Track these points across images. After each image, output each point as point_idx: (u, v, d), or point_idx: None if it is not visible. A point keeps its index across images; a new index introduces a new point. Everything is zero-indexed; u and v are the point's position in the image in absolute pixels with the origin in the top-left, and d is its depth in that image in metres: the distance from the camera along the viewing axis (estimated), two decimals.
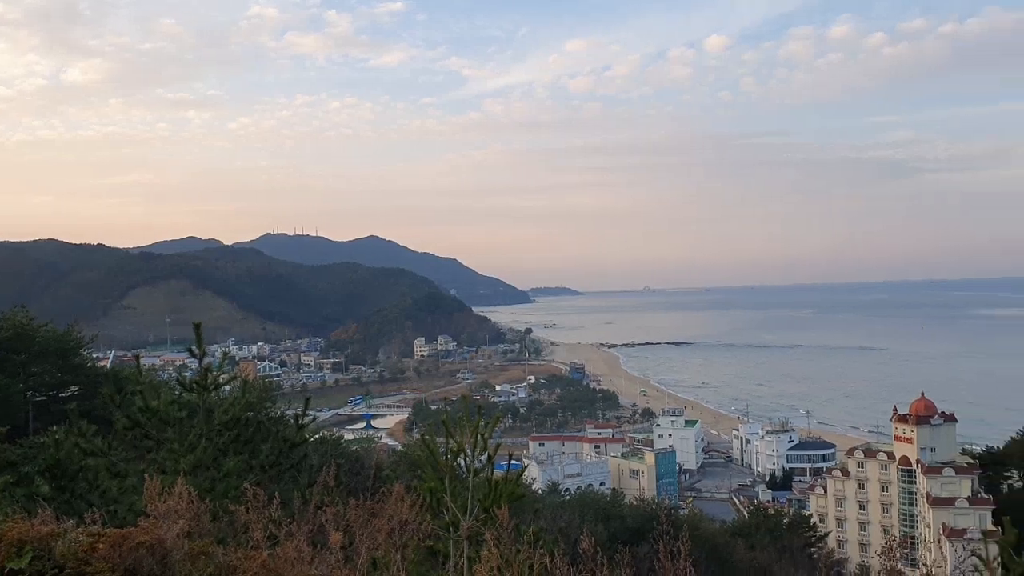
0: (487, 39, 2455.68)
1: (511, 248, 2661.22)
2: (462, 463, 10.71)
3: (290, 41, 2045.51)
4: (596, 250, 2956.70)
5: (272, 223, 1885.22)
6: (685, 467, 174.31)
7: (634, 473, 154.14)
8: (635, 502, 62.82)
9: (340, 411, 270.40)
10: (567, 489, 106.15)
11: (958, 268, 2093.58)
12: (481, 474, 10.71)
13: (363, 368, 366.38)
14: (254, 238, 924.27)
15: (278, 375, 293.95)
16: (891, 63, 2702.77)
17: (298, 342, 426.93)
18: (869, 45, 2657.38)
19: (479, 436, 10.70)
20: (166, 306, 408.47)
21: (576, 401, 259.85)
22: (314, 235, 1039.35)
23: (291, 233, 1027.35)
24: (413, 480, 11.67)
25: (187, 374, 16.91)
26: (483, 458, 10.87)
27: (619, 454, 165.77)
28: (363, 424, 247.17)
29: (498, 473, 11.13)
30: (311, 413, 17.41)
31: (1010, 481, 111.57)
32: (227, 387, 16.41)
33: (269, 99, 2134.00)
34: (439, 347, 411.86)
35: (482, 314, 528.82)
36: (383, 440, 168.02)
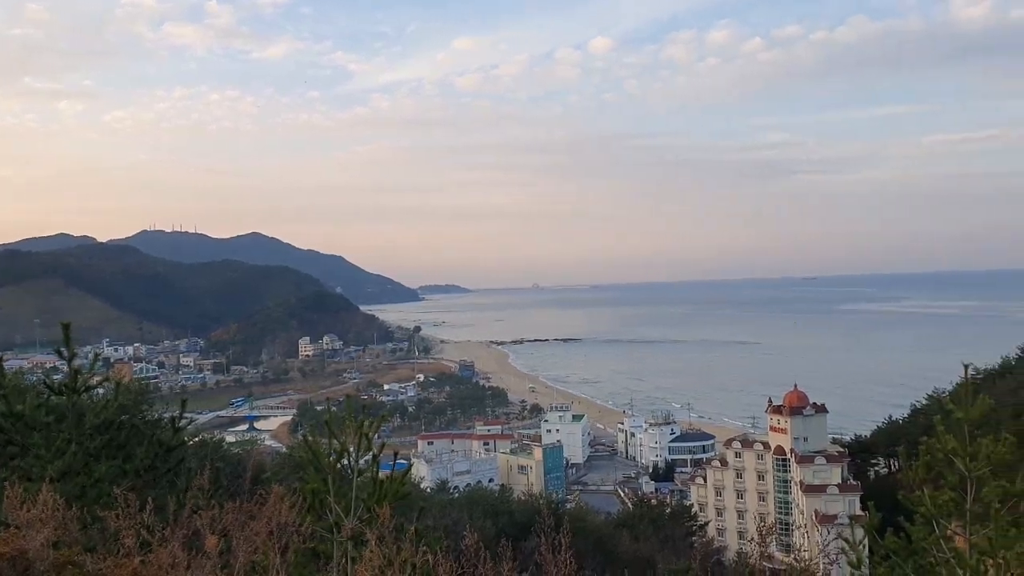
0: (375, 34, 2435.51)
1: (399, 246, 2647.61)
2: (346, 463, 10.60)
3: (168, 31, 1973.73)
4: (486, 248, 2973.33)
5: (149, 220, 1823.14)
6: (572, 461, 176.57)
7: (523, 469, 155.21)
8: (523, 497, 63.33)
9: (221, 413, 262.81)
10: (456, 487, 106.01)
11: (829, 265, 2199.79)
12: (366, 474, 10.62)
13: (245, 369, 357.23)
14: (130, 235, 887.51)
15: (155, 377, 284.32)
16: (767, 68, 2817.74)
17: (177, 343, 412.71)
18: (746, 50, 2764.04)
19: (363, 435, 10.61)
20: (35, 306, 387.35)
21: (465, 399, 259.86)
22: (193, 232, 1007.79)
23: (169, 230, 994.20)
24: (296, 482, 11.48)
25: (56, 376, 16.10)
26: (368, 457, 10.78)
27: (508, 450, 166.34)
28: (246, 426, 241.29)
29: (383, 472, 11.07)
30: (189, 415, 16.89)
31: (876, 468, 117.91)
32: (100, 390, 15.75)
33: (146, 91, 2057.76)
34: (325, 346, 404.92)
35: (370, 312, 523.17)
36: (266, 442, 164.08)
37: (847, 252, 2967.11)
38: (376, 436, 10.99)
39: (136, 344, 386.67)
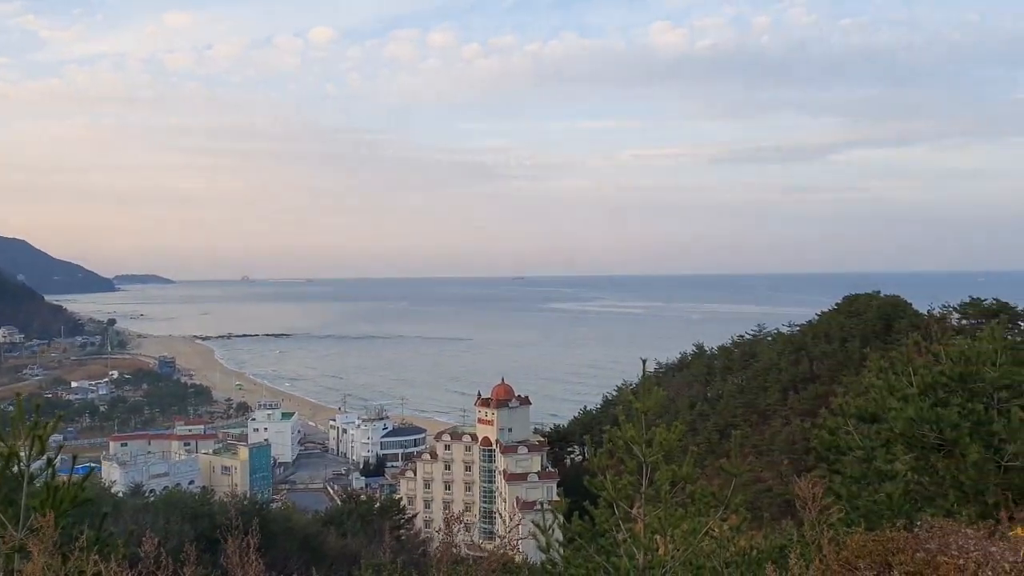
0: (73, 0, 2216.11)
1: (94, 231, 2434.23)
2: (17, 468, 9.58)
3: None
4: (192, 236, 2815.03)
5: None
6: (280, 460, 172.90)
7: (226, 469, 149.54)
8: (226, 499, 60.82)
9: None
10: (152, 490, 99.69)
11: (536, 266, 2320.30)
12: (39, 479, 9.66)
13: None
14: None
15: None
16: (485, 74, 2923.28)
17: None
18: (466, 55, 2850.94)
19: (36, 437, 9.64)
20: None
21: (165, 397, 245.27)
22: None
23: None
24: None
25: None
26: (42, 461, 9.82)
27: (211, 451, 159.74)
28: None
29: (61, 477, 10.13)
30: None
31: (573, 455, 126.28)
32: None
33: None
34: (2, 339, 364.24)
35: (57, 303, 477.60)
36: None
37: (552, 254, 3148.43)
38: (61, 436, 10.06)
39: None
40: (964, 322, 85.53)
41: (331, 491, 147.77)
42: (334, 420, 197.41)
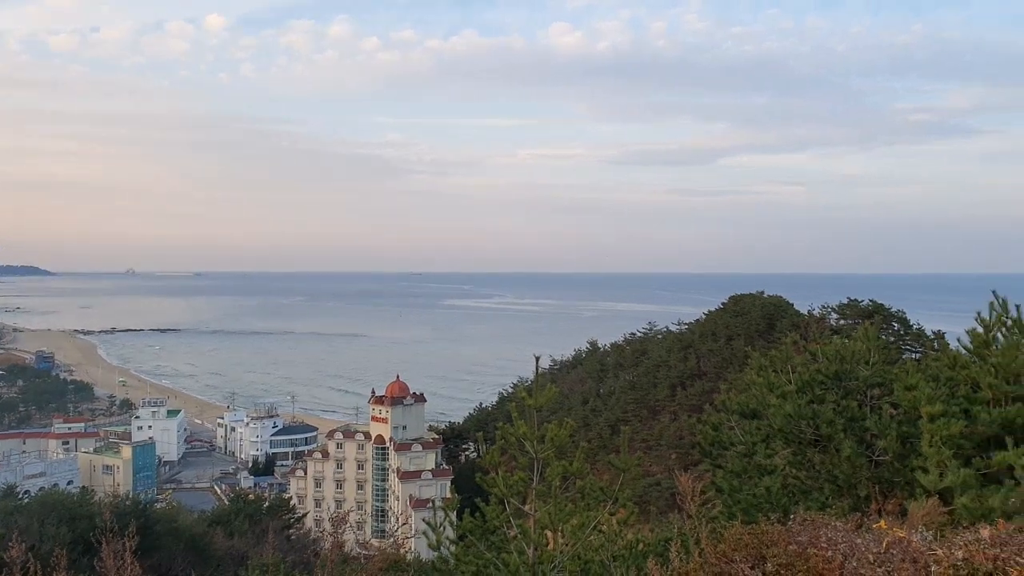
0: None
1: None
2: None
3: None
4: (73, 226, 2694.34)
5: None
6: (166, 459, 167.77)
7: (108, 469, 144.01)
8: (107, 499, 58.48)
9: None
10: (27, 491, 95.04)
11: (437, 262, 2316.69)
12: None
13: None
14: None
15: None
16: (385, 68, 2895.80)
17: None
18: (365, 48, 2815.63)
19: None
20: None
21: (43, 394, 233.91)
22: None
23: None
24: None
25: None
26: None
27: (91, 449, 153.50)
28: None
29: None
30: None
31: (467, 452, 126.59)
32: None
33: None
34: None
35: None
36: None
37: (450, 251, 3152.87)
38: None
39: None
40: (842, 322, 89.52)
41: (218, 490, 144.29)
42: (222, 418, 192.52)
